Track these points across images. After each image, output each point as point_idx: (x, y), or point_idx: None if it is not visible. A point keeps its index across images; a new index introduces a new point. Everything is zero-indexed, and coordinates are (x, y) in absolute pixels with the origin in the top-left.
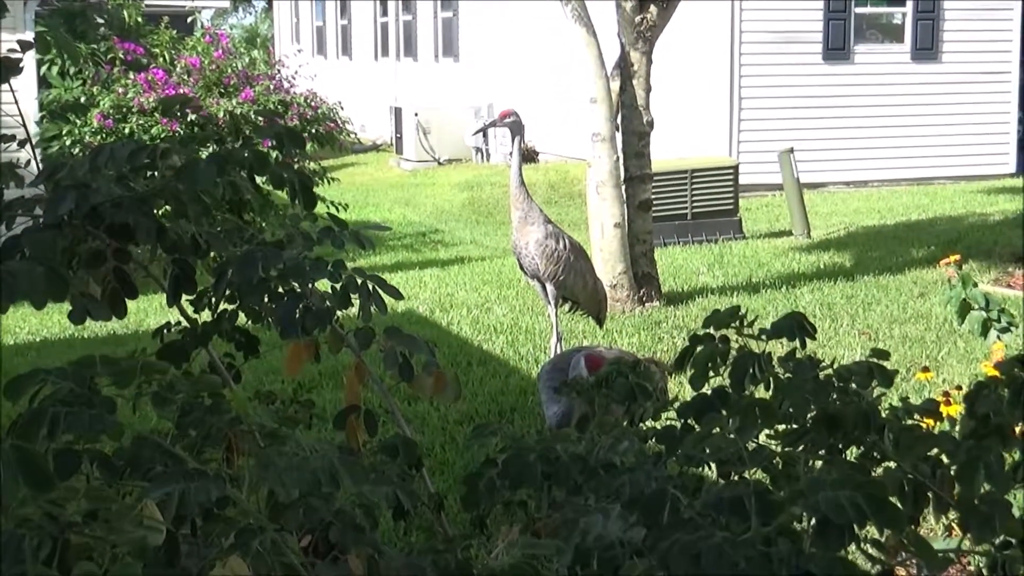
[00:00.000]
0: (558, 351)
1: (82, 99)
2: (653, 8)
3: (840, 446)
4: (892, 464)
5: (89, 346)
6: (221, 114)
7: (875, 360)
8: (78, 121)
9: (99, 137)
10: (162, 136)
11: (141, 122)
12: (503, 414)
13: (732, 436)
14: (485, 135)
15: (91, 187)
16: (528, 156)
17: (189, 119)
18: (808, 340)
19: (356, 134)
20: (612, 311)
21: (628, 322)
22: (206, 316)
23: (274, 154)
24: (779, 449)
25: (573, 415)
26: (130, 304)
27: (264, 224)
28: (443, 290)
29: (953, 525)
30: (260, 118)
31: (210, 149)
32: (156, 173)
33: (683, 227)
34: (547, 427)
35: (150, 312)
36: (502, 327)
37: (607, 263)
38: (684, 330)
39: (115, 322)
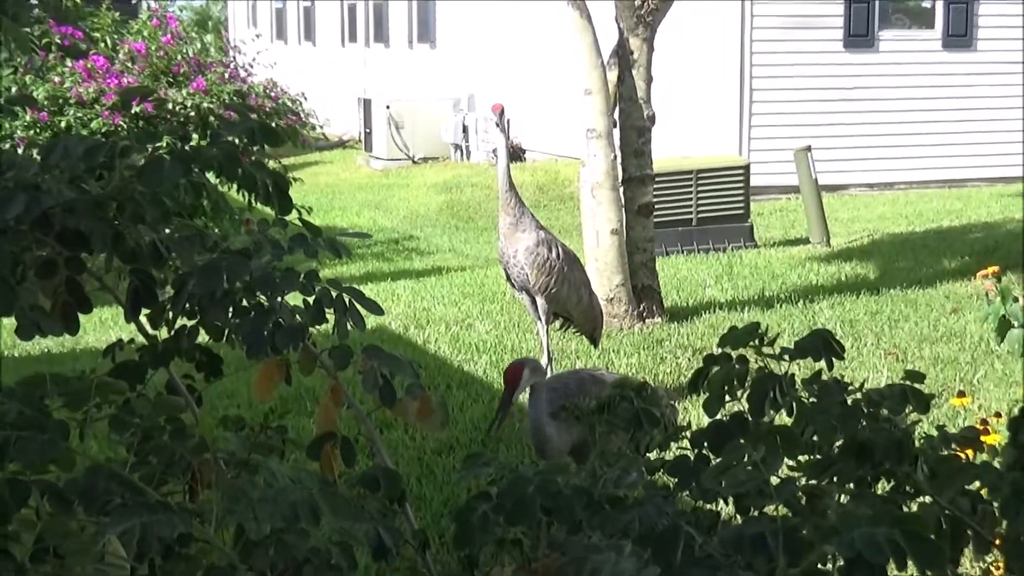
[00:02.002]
0: (548, 374)
1: (12, 89)
2: None
3: (870, 478)
4: (927, 498)
5: (21, 366)
6: (171, 106)
7: (909, 383)
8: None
9: (32, 132)
10: (103, 130)
11: (79, 115)
12: (487, 443)
13: (754, 463)
14: (465, 129)
15: (42, 189)
16: (514, 154)
17: (133, 111)
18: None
19: (320, 128)
20: (608, 328)
21: (626, 340)
22: (164, 334)
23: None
24: (803, 481)
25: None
26: None
27: (217, 230)
28: (419, 304)
29: (993, 568)
30: (215, 111)
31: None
32: (110, 173)
33: (688, 234)
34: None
35: (88, 328)
36: (485, 346)
37: (603, 274)
38: (689, 349)
39: (50, 339)
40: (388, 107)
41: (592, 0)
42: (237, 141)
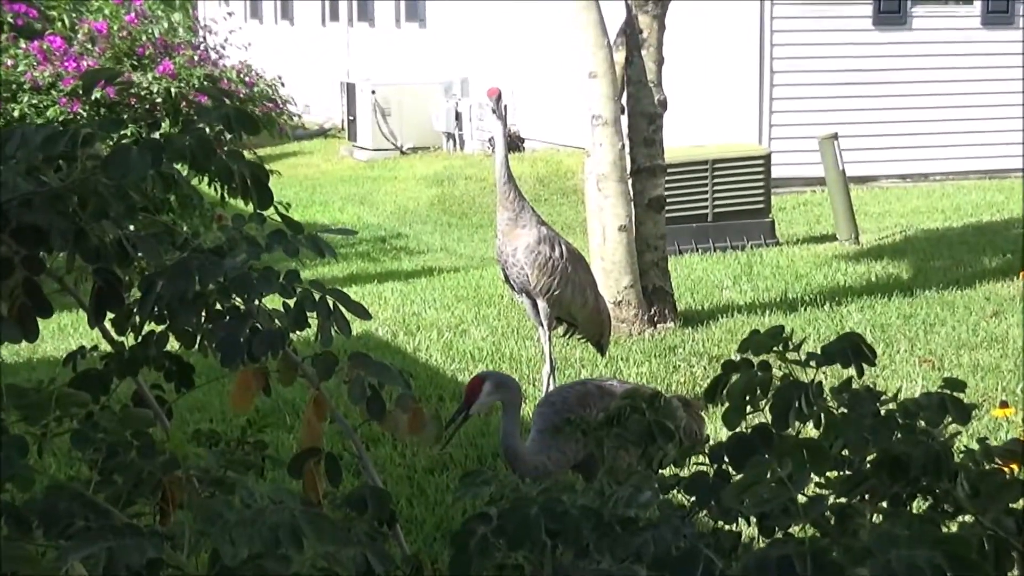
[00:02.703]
0: (551, 385)
1: None
2: None
3: (905, 495)
4: (968, 517)
5: None
6: (135, 91)
7: (948, 391)
8: None
9: None
10: (60, 119)
11: (34, 102)
12: (483, 460)
13: (779, 479)
14: (459, 117)
15: None
16: (512, 144)
17: (94, 97)
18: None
19: (299, 116)
20: (616, 334)
21: (636, 347)
22: (131, 340)
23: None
24: (831, 498)
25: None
26: None
27: (186, 227)
28: (408, 308)
29: None
30: (187, 96)
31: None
32: (70, 164)
33: (703, 231)
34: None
35: (46, 336)
36: (481, 354)
37: (610, 275)
38: (704, 357)
39: (4, 347)
40: (374, 92)
41: None
42: (209, 129)
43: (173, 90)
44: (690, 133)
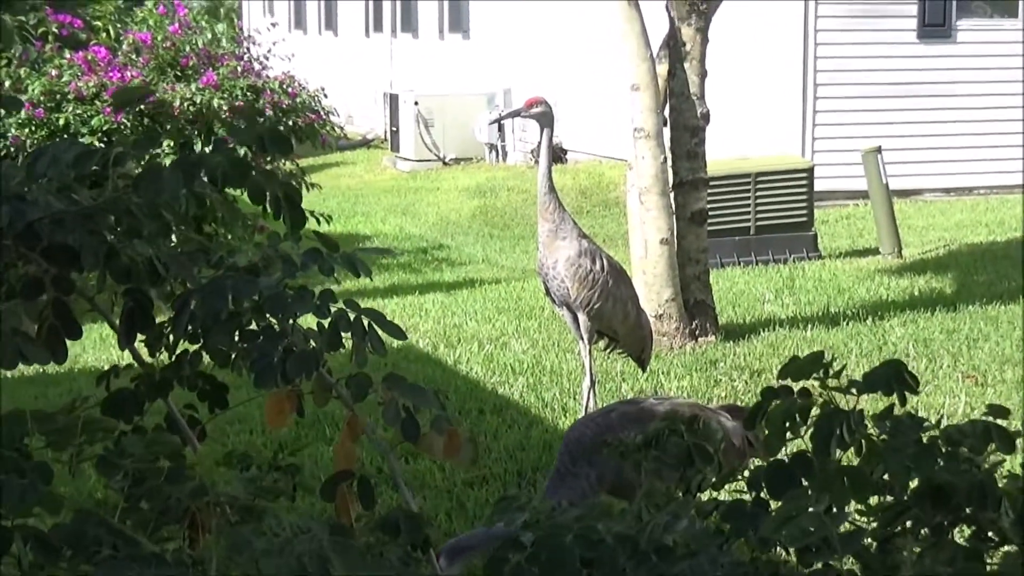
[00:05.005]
0: (591, 399)
1: (6, 84)
2: None
3: (947, 524)
4: (1012, 547)
5: (11, 389)
6: (177, 102)
7: (992, 418)
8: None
9: (27, 130)
10: (104, 128)
11: (79, 112)
12: (523, 474)
13: (818, 514)
14: (501, 128)
15: (27, 199)
16: (555, 155)
17: (138, 108)
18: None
19: (342, 127)
20: (658, 348)
21: (677, 361)
22: (164, 359)
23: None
24: (872, 527)
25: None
26: None
27: (230, 237)
28: (449, 320)
29: None
30: (219, 113)
31: (167, 149)
32: (103, 183)
33: (745, 244)
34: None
35: (88, 346)
36: (521, 367)
37: (652, 288)
38: (746, 371)
39: None
40: (416, 103)
41: None
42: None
43: (216, 101)
44: (733, 145)
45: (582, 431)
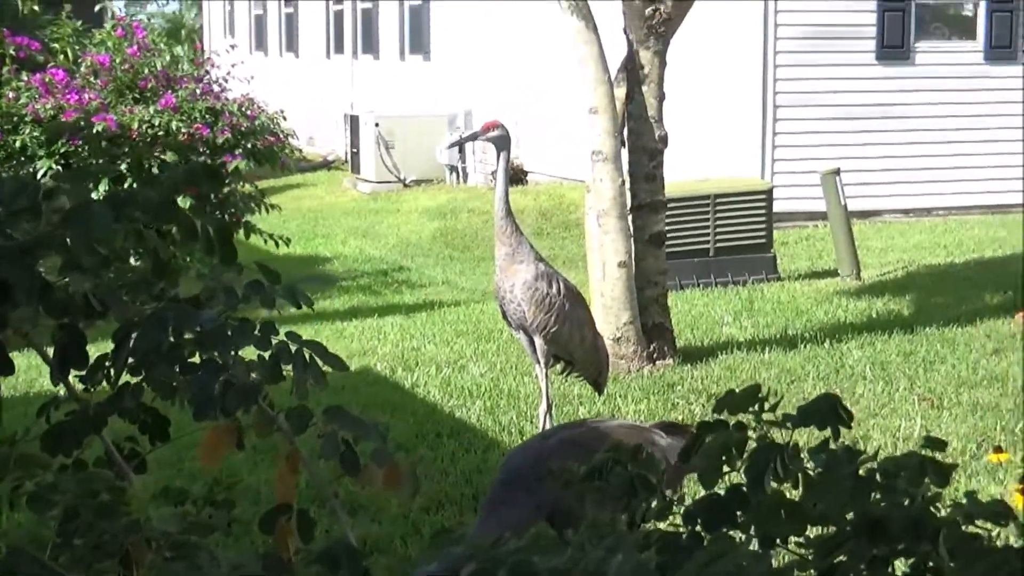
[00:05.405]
0: (548, 422)
1: None
2: None
3: (885, 557)
4: None
5: None
6: (136, 125)
7: (928, 452)
8: None
9: None
10: (63, 152)
11: (36, 134)
12: (479, 498)
13: (745, 553)
14: (462, 150)
15: None
16: (515, 177)
17: (95, 131)
18: (854, 413)
19: (302, 150)
20: (615, 371)
21: (635, 384)
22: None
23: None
24: (809, 558)
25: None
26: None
27: (189, 259)
28: (407, 343)
29: None
30: (170, 142)
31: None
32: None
33: (704, 266)
34: None
35: (43, 370)
36: (479, 390)
37: (610, 311)
38: (704, 394)
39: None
40: (377, 124)
41: (599, 5)
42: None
43: (175, 124)
44: (691, 168)
45: (521, 458)
